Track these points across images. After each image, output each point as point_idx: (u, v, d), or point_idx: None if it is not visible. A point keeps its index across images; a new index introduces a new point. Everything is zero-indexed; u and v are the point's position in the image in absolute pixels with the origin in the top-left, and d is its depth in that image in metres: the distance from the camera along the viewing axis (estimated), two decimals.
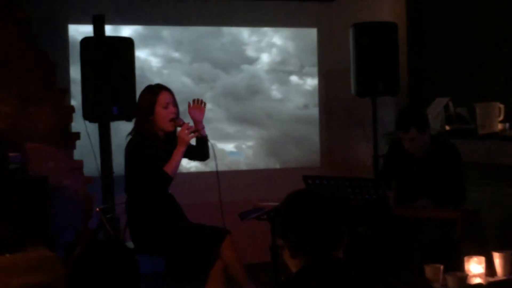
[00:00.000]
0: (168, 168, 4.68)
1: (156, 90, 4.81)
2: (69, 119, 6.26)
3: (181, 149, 4.70)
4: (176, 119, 4.77)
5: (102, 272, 2.27)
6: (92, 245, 2.36)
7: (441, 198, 4.88)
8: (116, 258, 2.31)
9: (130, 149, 4.76)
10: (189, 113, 4.90)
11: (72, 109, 6.29)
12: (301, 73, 7.44)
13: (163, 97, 4.76)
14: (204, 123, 4.96)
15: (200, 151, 4.95)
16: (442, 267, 3.93)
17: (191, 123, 4.82)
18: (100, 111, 5.62)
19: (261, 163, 7.32)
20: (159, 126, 4.78)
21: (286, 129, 7.40)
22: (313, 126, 7.47)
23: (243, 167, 7.27)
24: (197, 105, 4.92)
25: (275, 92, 7.39)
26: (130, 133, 4.82)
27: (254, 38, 7.28)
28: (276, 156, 7.40)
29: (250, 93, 7.32)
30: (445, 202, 4.86)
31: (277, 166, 7.35)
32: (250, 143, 7.34)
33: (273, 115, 7.37)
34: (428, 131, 5.02)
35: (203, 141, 4.91)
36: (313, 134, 7.47)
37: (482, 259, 4.04)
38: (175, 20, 6.97)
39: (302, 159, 7.42)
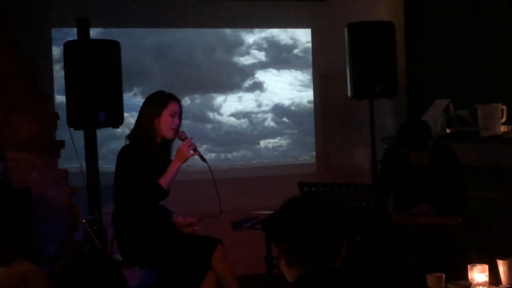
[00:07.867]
0: (163, 181, 4.67)
1: (168, 97, 4.83)
2: (53, 127, 6.22)
3: (178, 163, 4.70)
4: (179, 131, 4.78)
5: (86, 287, 2.25)
6: (75, 259, 2.33)
7: (442, 204, 4.86)
8: (100, 272, 2.29)
9: (123, 157, 4.73)
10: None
11: (56, 116, 6.24)
12: (295, 75, 7.43)
13: (173, 106, 4.79)
14: None
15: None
16: (444, 276, 3.86)
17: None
18: (85, 118, 5.49)
19: (253, 170, 7.31)
20: (160, 131, 4.75)
21: (280, 133, 7.39)
22: (308, 131, 7.44)
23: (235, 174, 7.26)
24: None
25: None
26: (128, 136, 4.80)
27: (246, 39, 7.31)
28: (269, 162, 7.38)
29: None
30: (446, 208, 4.84)
31: (272, 172, 7.33)
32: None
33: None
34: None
35: None
36: (308, 139, 7.43)
37: (486, 267, 3.97)
38: (164, 22, 7.00)
39: (297, 165, 7.40)
